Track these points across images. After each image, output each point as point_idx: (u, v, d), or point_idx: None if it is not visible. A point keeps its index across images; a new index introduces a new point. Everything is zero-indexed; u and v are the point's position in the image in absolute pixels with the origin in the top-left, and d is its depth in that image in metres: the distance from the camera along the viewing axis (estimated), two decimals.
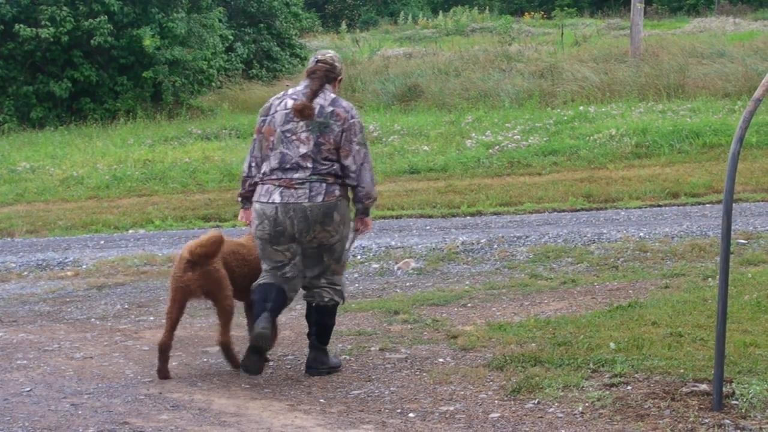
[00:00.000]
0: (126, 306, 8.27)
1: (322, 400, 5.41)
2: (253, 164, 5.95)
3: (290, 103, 5.82)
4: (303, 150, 5.75)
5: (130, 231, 12.06)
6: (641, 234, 9.94)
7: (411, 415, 5.11)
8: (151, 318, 7.77)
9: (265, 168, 5.86)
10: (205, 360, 6.36)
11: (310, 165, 5.73)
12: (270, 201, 5.75)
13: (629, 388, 5.26)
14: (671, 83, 20.31)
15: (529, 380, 5.43)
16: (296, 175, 5.73)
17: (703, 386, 5.13)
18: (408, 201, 12.60)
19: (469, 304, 7.72)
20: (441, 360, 6.12)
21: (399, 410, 5.19)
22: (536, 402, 5.16)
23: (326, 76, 5.89)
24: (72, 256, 10.36)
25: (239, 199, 6.12)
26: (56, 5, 22.10)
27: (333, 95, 5.88)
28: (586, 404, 5.06)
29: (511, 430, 4.82)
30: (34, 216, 13.00)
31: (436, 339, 6.64)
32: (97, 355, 6.57)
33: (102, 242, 11.24)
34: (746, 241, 9.40)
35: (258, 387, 5.71)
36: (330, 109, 5.80)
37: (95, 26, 22.11)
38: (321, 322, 5.95)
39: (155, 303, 8.35)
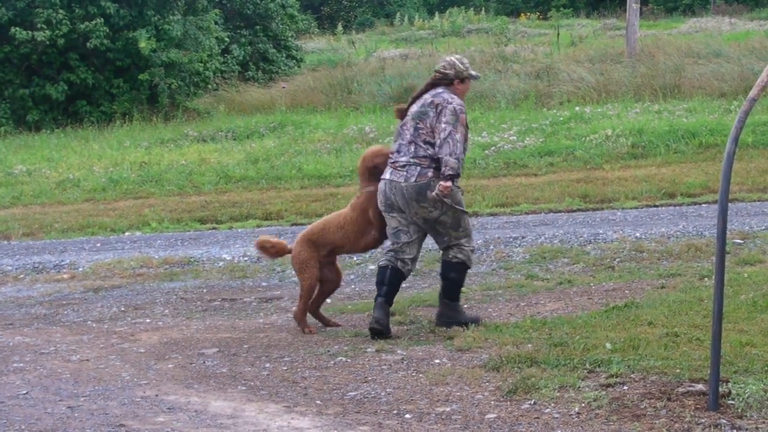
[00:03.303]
0: (122, 308, 8.27)
1: (318, 402, 5.41)
2: None
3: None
4: (408, 136, 6.82)
5: (127, 233, 12.06)
6: (637, 234, 9.95)
7: (407, 416, 5.11)
8: (148, 320, 7.76)
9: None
10: (202, 362, 6.35)
11: (412, 149, 6.77)
12: (383, 178, 6.88)
13: (625, 388, 5.26)
14: (667, 83, 20.31)
15: (525, 381, 5.43)
16: (401, 159, 6.79)
17: (699, 386, 5.14)
18: None
19: (465, 305, 7.70)
20: (437, 361, 6.11)
21: (395, 411, 5.19)
22: (532, 402, 5.16)
23: (439, 82, 6.91)
24: (68, 259, 10.36)
25: None
26: (52, 8, 22.08)
27: (440, 91, 6.84)
28: (583, 404, 5.06)
29: (507, 430, 4.83)
30: (30, 219, 12.99)
31: (433, 340, 6.65)
32: (93, 357, 6.57)
33: (98, 245, 11.24)
34: (742, 241, 9.41)
35: (254, 389, 5.71)
36: (430, 100, 6.80)
37: (91, 29, 22.09)
38: (446, 276, 6.88)
39: (151, 305, 8.35)
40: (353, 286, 8.75)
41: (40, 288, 9.30)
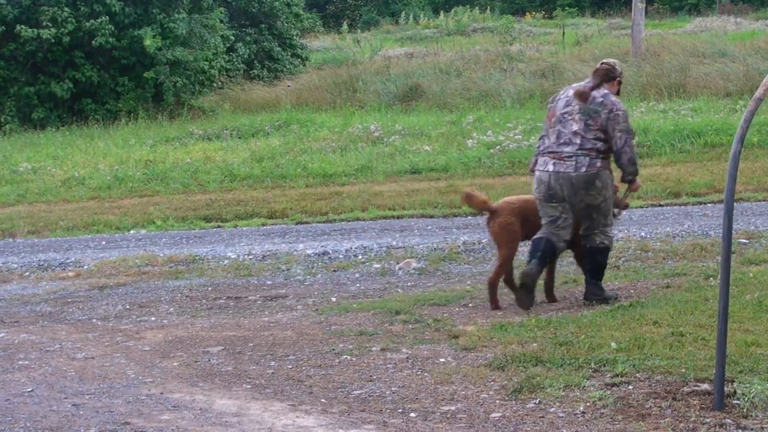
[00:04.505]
0: (127, 306, 8.28)
1: (323, 400, 5.41)
2: (541, 141, 7.53)
3: (571, 92, 7.37)
4: (575, 128, 7.25)
5: (132, 231, 12.07)
6: (642, 234, 9.94)
7: (412, 414, 5.11)
8: (153, 318, 7.77)
9: (545, 143, 7.43)
10: (207, 360, 6.36)
11: (578, 141, 7.23)
12: (545, 170, 7.33)
13: (630, 387, 5.26)
14: (672, 83, 20.30)
15: (530, 380, 5.42)
16: (566, 149, 7.25)
17: (705, 386, 5.13)
18: (409, 201, 12.60)
19: (470, 304, 7.72)
20: (442, 360, 6.11)
21: (400, 410, 5.19)
22: (537, 402, 5.16)
23: (606, 74, 7.38)
24: (73, 257, 10.37)
25: (530, 169, 7.73)
26: (57, 6, 22.11)
27: (606, 91, 7.31)
28: (588, 404, 5.06)
29: (512, 429, 4.83)
30: (35, 216, 13.01)
31: (438, 339, 6.64)
32: (98, 355, 6.58)
33: (103, 243, 11.26)
34: (747, 241, 9.39)
35: (259, 387, 5.72)
36: (600, 99, 7.26)
37: (96, 27, 22.12)
38: (593, 260, 7.43)
39: (156, 303, 8.36)
40: (358, 285, 8.75)
41: (46, 286, 9.31)
